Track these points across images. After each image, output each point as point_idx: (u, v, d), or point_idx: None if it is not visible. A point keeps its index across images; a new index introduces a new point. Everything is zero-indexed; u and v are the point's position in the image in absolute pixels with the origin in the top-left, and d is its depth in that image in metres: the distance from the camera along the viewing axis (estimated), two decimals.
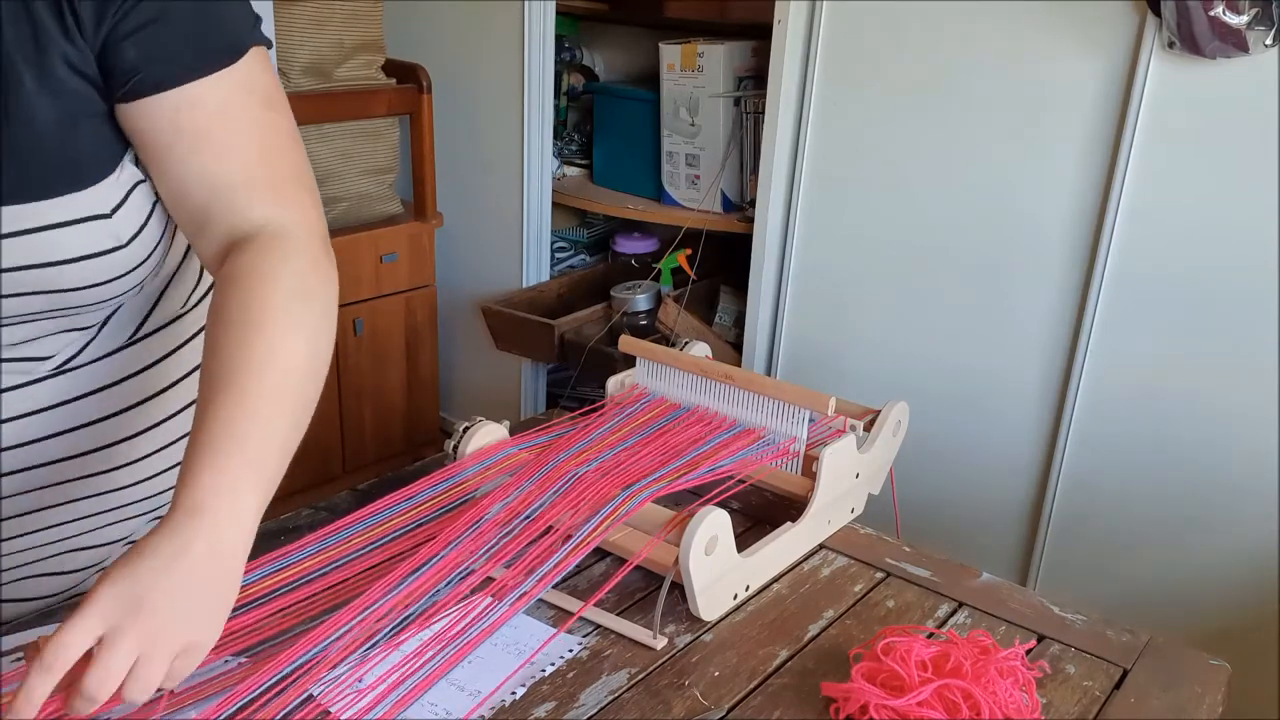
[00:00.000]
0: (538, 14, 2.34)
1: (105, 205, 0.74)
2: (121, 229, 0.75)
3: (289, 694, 0.71)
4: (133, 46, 0.71)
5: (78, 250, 0.73)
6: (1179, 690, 0.84)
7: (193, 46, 0.73)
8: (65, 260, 0.73)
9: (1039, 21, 1.65)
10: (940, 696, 0.75)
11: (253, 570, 0.82)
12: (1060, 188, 1.69)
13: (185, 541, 0.65)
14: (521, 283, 2.57)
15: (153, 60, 0.72)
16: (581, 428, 1.05)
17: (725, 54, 2.26)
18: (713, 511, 0.85)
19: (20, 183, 0.70)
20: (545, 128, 2.44)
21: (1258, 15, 1.40)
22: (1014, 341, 1.79)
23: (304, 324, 0.75)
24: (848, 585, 0.96)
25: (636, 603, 0.91)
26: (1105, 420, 1.73)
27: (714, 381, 1.09)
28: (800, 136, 1.95)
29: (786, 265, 2.04)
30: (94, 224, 0.73)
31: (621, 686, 0.80)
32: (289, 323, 0.74)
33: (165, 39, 0.72)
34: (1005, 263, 1.77)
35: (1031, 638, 0.90)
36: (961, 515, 1.90)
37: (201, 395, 0.71)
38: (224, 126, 0.75)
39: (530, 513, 0.89)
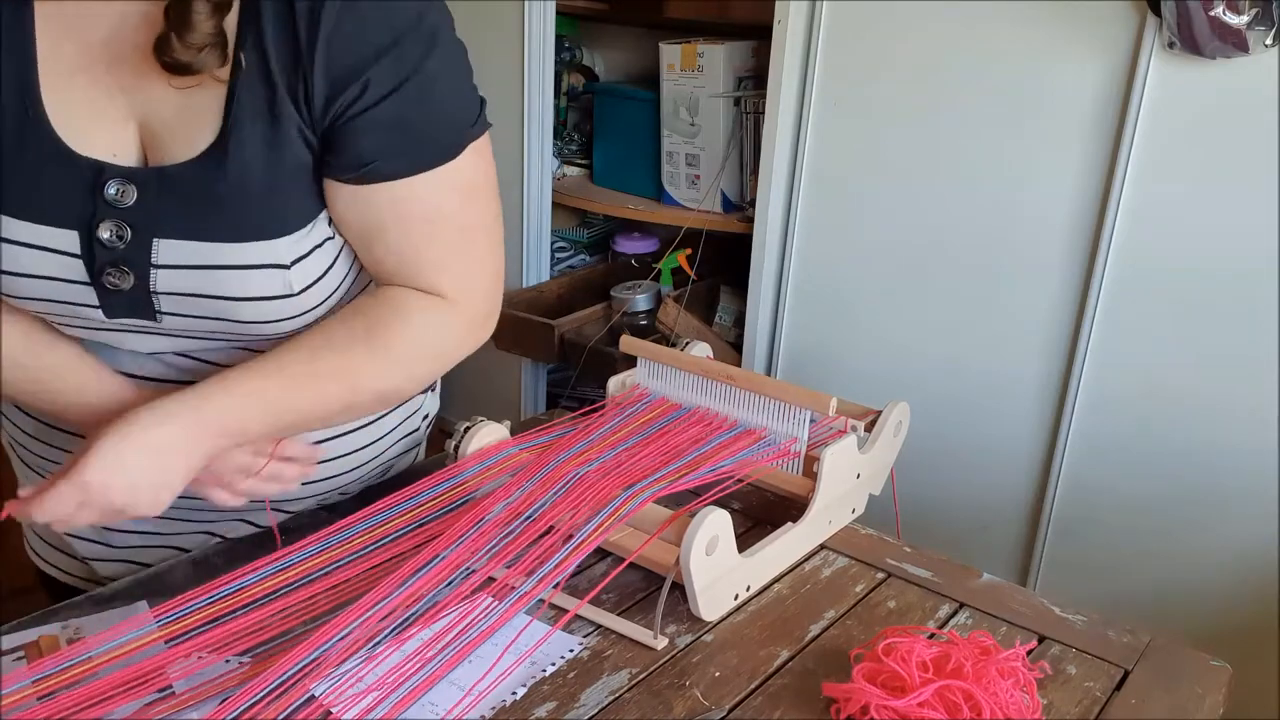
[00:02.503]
0: (538, 14, 2.34)
1: (286, 257, 0.80)
2: (295, 280, 0.81)
3: (290, 695, 0.71)
4: (368, 141, 0.78)
5: (252, 291, 0.80)
6: (1180, 691, 0.84)
7: (421, 146, 0.81)
8: (239, 298, 0.80)
9: (1039, 21, 1.65)
10: (941, 697, 0.75)
11: (254, 570, 0.82)
12: (1060, 187, 1.70)
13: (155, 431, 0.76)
14: (521, 283, 2.57)
15: (382, 156, 0.79)
16: (582, 428, 1.05)
17: (725, 54, 2.26)
18: (714, 511, 0.85)
19: (223, 223, 0.77)
20: (545, 128, 2.44)
21: (1258, 15, 1.40)
22: (1014, 341, 1.80)
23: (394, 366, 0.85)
24: (849, 585, 0.96)
25: (637, 603, 0.91)
26: (1105, 420, 1.73)
27: (715, 382, 1.09)
28: (800, 136, 1.95)
29: (786, 265, 2.04)
30: (271, 271, 0.80)
31: (622, 687, 0.80)
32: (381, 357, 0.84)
33: (395, 141, 0.79)
34: (1005, 262, 1.77)
35: (1032, 638, 0.90)
36: (962, 515, 1.90)
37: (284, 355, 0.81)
38: (425, 219, 0.83)
39: (531, 513, 0.89)
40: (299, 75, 0.76)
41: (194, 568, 0.92)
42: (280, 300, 0.81)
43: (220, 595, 0.79)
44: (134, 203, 0.77)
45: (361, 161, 0.79)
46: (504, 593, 0.83)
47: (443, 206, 0.84)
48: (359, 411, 0.90)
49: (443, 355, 0.90)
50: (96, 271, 0.78)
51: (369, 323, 0.84)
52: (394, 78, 0.78)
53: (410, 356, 0.86)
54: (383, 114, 0.78)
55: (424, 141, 0.81)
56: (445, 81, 0.82)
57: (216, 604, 0.79)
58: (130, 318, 0.81)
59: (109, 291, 0.79)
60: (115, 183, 0.76)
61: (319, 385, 0.82)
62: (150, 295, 0.80)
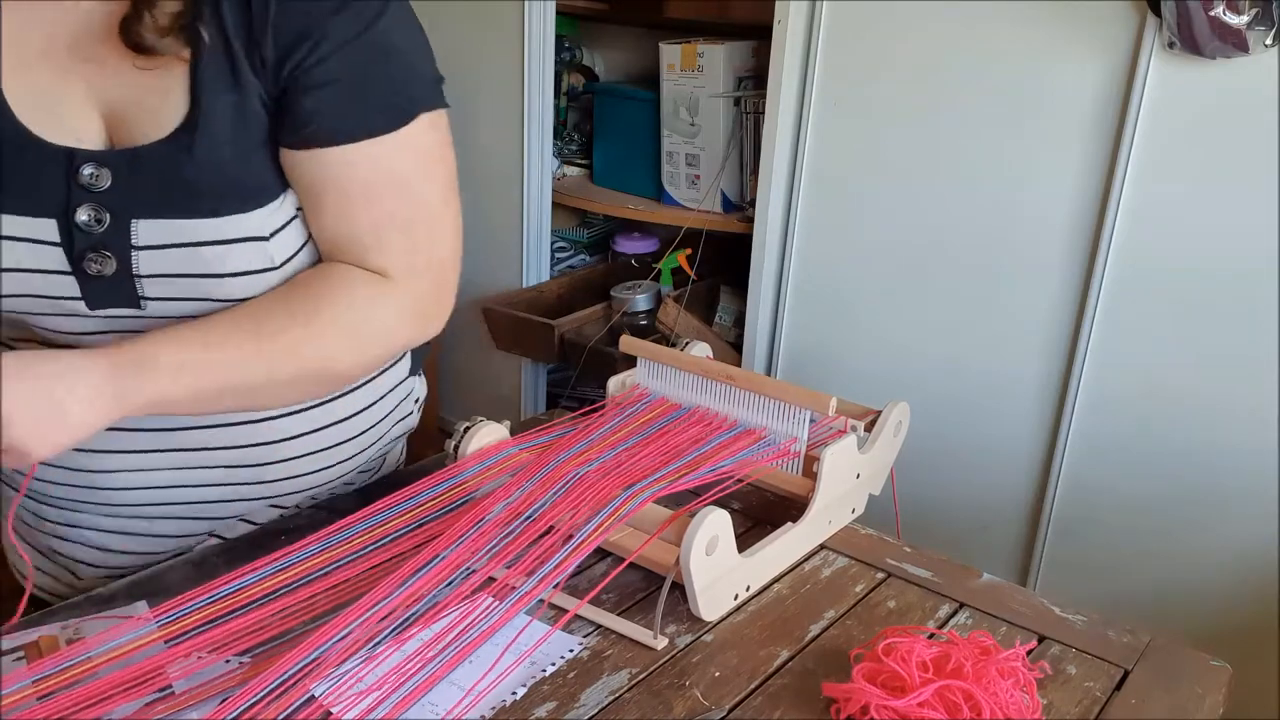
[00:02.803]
0: (538, 14, 2.34)
1: (264, 229, 0.80)
2: (276, 252, 0.81)
3: (290, 695, 0.71)
4: (312, 100, 0.77)
5: (236, 267, 0.80)
6: (1180, 691, 0.84)
7: (365, 110, 0.80)
8: (224, 274, 0.79)
9: (1039, 21, 1.65)
10: (941, 697, 0.75)
11: (254, 570, 0.82)
12: (1060, 187, 1.70)
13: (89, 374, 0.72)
14: (521, 283, 2.57)
15: (326, 117, 0.78)
16: (582, 428, 1.05)
17: (725, 54, 2.27)
18: (713, 511, 0.85)
19: (199, 200, 0.77)
20: (545, 128, 2.44)
21: (1258, 15, 1.40)
22: (1014, 341, 1.80)
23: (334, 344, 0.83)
24: (848, 585, 0.96)
25: (637, 603, 0.91)
26: (1105, 420, 1.73)
27: (715, 382, 1.09)
28: (800, 136, 1.95)
29: (786, 265, 2.04)
30: (253, 244, 0.80)
31: (622, 687, 0.80)
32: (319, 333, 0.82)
33: (343, 99, 0.78)
34: (1005, 262, 1.77)
35: (1032, 638, 0.90)
36: (962, 515, 1.90)
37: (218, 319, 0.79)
38: (371, 188, 0.82)
39: (531, 513, 0.89)
40: (254, 41, 0.75)
41: (194, 568, 0.92)
42: (263, 274, 0.81)
43: (220, 595, 0.80)
44: (109, 186, 0.76)
45: (305, 122, 0.78)
46: (504, 593, 0.83)
47: (388, 179, 0.82)
48: (301, 390, 0.87)
49: (386, 339, 0.87)
50: (76, 258, 0.77)
51: (308, 299, 0.82)
52: (342, 36, 0.77)
53: (351, 336, 0.84)
54: (327, 72, 0.77)
55: (369, 105, 0.79)
56: (395, 46, 0.80)
57: (216, 604, 0.79)
58: (114, 307, 0.81)
59: (90, 279, 0.78)
60: (89, 166, 0.76)
61: (250, 361, 0.80)
62: (133, 280, 0.79)
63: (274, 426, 0.93)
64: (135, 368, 0.74)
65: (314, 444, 0.96)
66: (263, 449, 0.93)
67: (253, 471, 0.95)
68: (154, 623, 0.78)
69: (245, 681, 0.71)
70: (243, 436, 0.92)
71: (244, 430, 0.91)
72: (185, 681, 0.75)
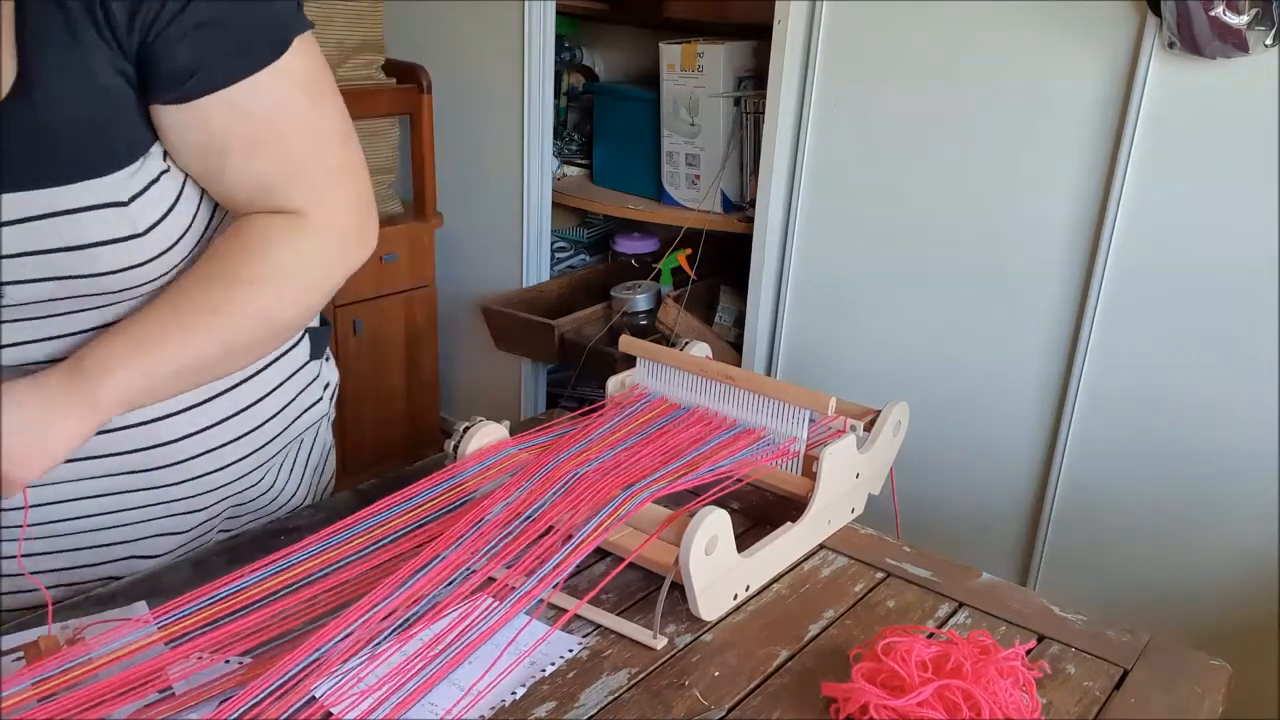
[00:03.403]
0: (538, 14, 2.34)
1: (123, 193, 0.75)
2: (138, 218, 0.76)
3: (291, 696, 0.71)
4: (185, 47, 0.73)
5: (93, 236, 0.75)
6: (1179, 691, 0.85)
7: (241, 47, 0.75)
8: (80, 246, 0.74)
9: (1039, 21, 1.65)
10: (940, 697, 0.75)
11: (254, 571, 0.82)
12: (1060, 187, 1.70)
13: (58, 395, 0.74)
14: (521, 283, 2.57)
15: (205, 62, 0.74)
16: (582, 428, 1.05)
17: (725, 54, 2.27)
18: (713, 511, 0.85)
19: (42, 169, 0.72)
20: (545, 128, 2.44)
21: (1258, 15, 1.40)
22: (1014, 341, 1.80)
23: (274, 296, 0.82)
24: (848, 585, 0.96)
25: (636, 603, 0.91)
26: (1105, 420, 1.73)
27: (714, 381, 1.09)
28: (800, 136, 1.95)
29: (786, 265, 2.04)
30: (109, 211, 0.75)
31: (622, 687, 0.80)
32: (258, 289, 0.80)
33: (215, 42, 0.74)
34: (1005, 262, 1.77)
35: (1031, 638, 0.90)
36: (962, 515, 1.90)
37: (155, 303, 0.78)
38: (271, 127, 0.78)
39: (531, 513, 0.89)
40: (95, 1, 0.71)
41: (194, 568, 0.92)
42: (127, 243, 0.76)
43: (220, 596, 0.80)
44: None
45: (185, 73, 0.73)
46: (504, 593, 0.83)
47: (285, 109, 0.79)
48: (256, 352, 0.86)
49: (323, 278, 0.85)
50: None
51: (237, 262, 0.79)
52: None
53: (290, 285, 0.82)
54: (194, 15, 0.72)
55: (246, 37, 0.75)
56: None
57: (216, 605, 0.79)
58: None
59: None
60: None
61: (203, 338, 0.79)
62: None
63: (167, 426, 0.89)
64: (99, 374, 0.75)
65: (211, 440, 0.93)
66: (158, 451, 0.90)
67: (153, 475, 0.91)
68: (154, 623, 0.78)
69: (246, 682, 0.72)
70: (138, 440, 0.88)
71: (138, 434, 0.88)
72: (186, 683, 0.75)
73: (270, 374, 0.97)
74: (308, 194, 0.82)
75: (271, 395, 0.98)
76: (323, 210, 0.83)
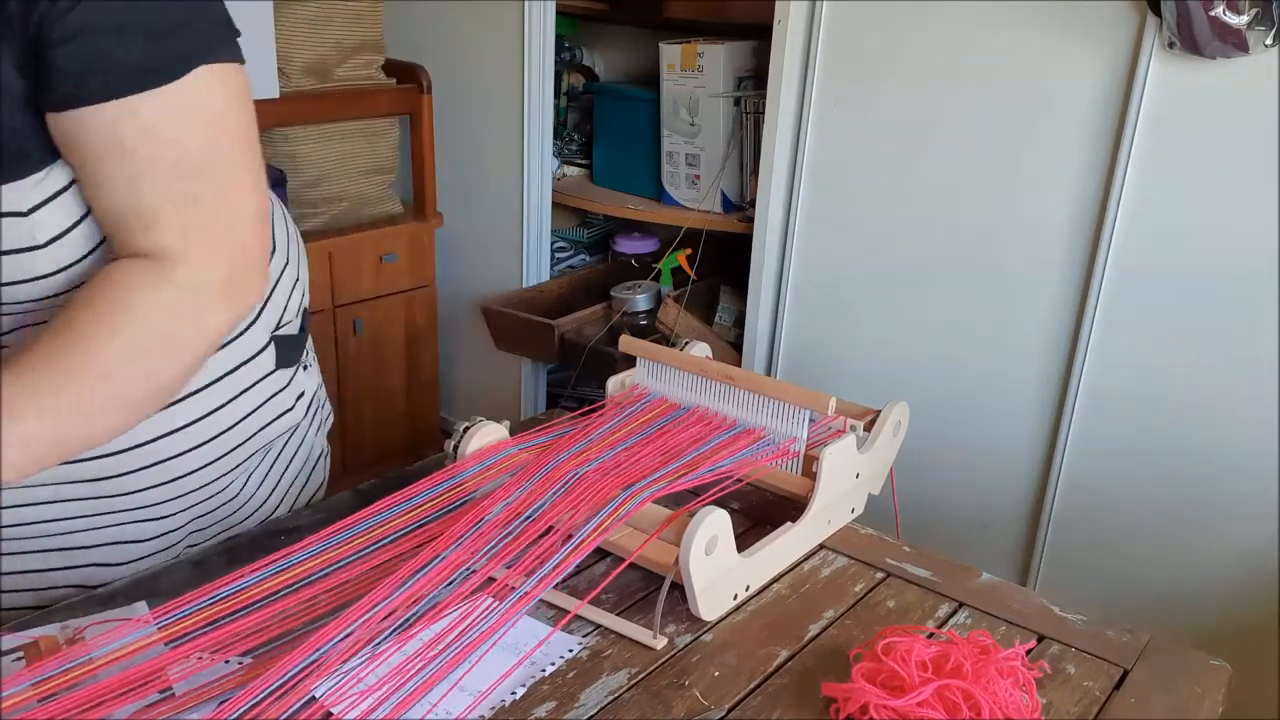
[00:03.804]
0: (538, 14, 2.34)
1: (22, 204, 0.72)
2: (38, 230, 0.73)
3: (291, 696, 0.71)
4: (65, 53, 0.68)
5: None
6: (1179, 690, 0.85)
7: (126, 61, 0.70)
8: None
9: (1039, 21, 1.65)
10: (940, 697, 0.75)
11: (254, 571, 0.82)
12: (1060, 187, 1.70)
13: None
14: (521, 283, 2.57)
15: (82, 71, 0.69)
16: (582, 428, 1.05)
17: (725, 54, 2.27)
18: (713, 511, 0.85)
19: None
20: (545, 128, 2.44)
21: (1258, 15, 1.40)
22: (1014, 341, 1.80)
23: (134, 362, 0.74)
24: (848, 585, 0.96)
25: (636, 603, 0.91)
26: (1105, 420, 1.73)
27: (714, 381, 1.09)
28: (800, 136, 1.95)
29: (786, 265, 2.04)
30: (9, 220, 0.72)
31: (621, 687, 0.80)
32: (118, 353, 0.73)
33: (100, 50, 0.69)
34: (1005, 262, 1.78)
35: (1031, 638, 0.90)
36: (961, 515, 1.90)
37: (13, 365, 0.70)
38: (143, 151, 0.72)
39: (531, 513, 0.89)
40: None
41: (194, 568, 0.92)
42: (25, 254, 0.73)
43: (220, 596, 0.80)
44: None
45: (61, 78, 0.69)
46: (504, 593, 0.83)
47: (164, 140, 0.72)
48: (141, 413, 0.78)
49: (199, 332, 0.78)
50: None
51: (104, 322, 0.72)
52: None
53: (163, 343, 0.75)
54: (79, 19, 0.67)
55: (132, 56, 0.70)
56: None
57: (217, 605, 0.79)
58: None
59: None
60: None
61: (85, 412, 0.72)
62: None
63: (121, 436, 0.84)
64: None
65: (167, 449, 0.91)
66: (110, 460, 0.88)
67: (106, 485, 0.90)
68: (154, 624, 0.78)
69: (246, 683, 0.71)
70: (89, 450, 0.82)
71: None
72: (186, 683, 0.75)
73: (228, 383, 0.93)
74: (179, 237, 0.74)
75: (231, 404, 0.94)
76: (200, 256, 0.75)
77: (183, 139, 0.74)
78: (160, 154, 0.73)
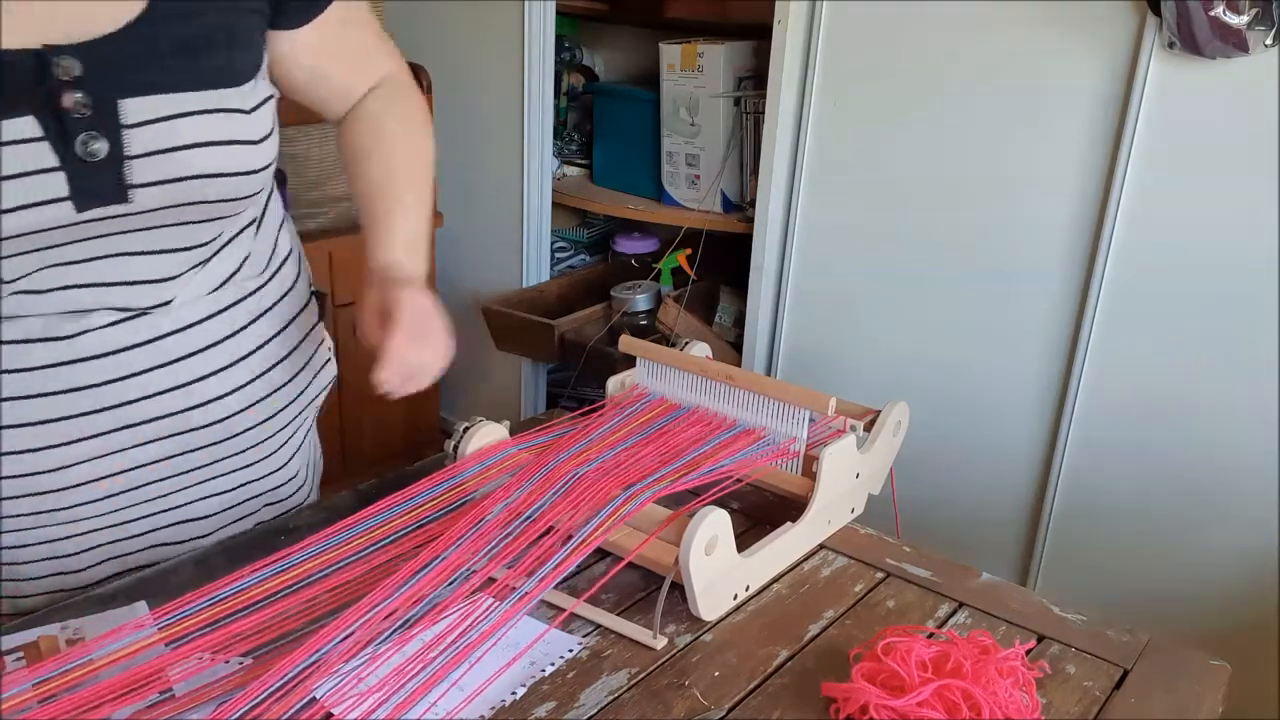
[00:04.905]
0: (538, 14, 2.34)
1: (247, 103, 0.86)
2: (255, 128, 0.87)
3: (292, 696, 0.71)
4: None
5: (221, 135, 0.84)
6: (1179, 690, 0.85)
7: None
8: (209, 143, 0.83)
9: (1039, 21, 1.65)
10: (940, 696, 0.75)
11: (254, 572, 0.82)
12: (1060, 188, 1.70)
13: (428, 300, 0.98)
14: (521, 283, 2.57)
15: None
16: (582, 428, 1.05)
17: (725, 54, 2.26)
18: (713, 511, 0.85)
19: (174, 76, 0.81)
20: (545, 128, 2.44)
21: (1258, 15, 1.40)
22: (1014, 341, 1.80)
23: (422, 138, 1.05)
24: (848, 585, 0.97)
25: (636, 603, 0.91)
26: (1105, 420, 1.73)
27: (714, 382, 1.09)
28: (800, 136, 1.95)
29: (786, 265, 2.04)
30: (234, 116, 0.85)
31: (621, 687, 0.80)
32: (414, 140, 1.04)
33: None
34: (1005, 262, 1.78)
35: (1031, 638, 0.90)
36: (961, 515, 1.90)
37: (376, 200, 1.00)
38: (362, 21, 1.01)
39: (531, 513, 0.89)
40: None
41: (194, 568, 0.92)
42: (245, 148, 0.85)
43: (221, 597, 0.80)
44: (83, 74, 0.77)
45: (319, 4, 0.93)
46: (504, 593, 0.83)
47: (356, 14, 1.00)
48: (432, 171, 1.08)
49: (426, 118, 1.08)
50: (68, 144, 0.77)
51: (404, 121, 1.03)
52: None
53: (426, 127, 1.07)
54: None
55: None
56: None
57: (217, 605, 0.79)
58: (101, 205, 0.80)
59: (80, 169, 0.78)
60: (61, 59, 0.76)
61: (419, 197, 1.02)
62: (122, 166, 0.79)
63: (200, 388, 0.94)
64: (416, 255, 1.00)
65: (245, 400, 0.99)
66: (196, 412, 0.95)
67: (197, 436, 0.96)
68: (154, 624, 0.78)
69: (246, 683, 0.72)
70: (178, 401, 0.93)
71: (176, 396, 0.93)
72: (186, 684, 0.75)
73: (292, 331, 1.05)
74: (382, 64, 1.04)
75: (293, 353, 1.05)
76: (400, 71, 1.06)
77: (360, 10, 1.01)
78: (359, 16, 1.00)
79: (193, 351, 0.93)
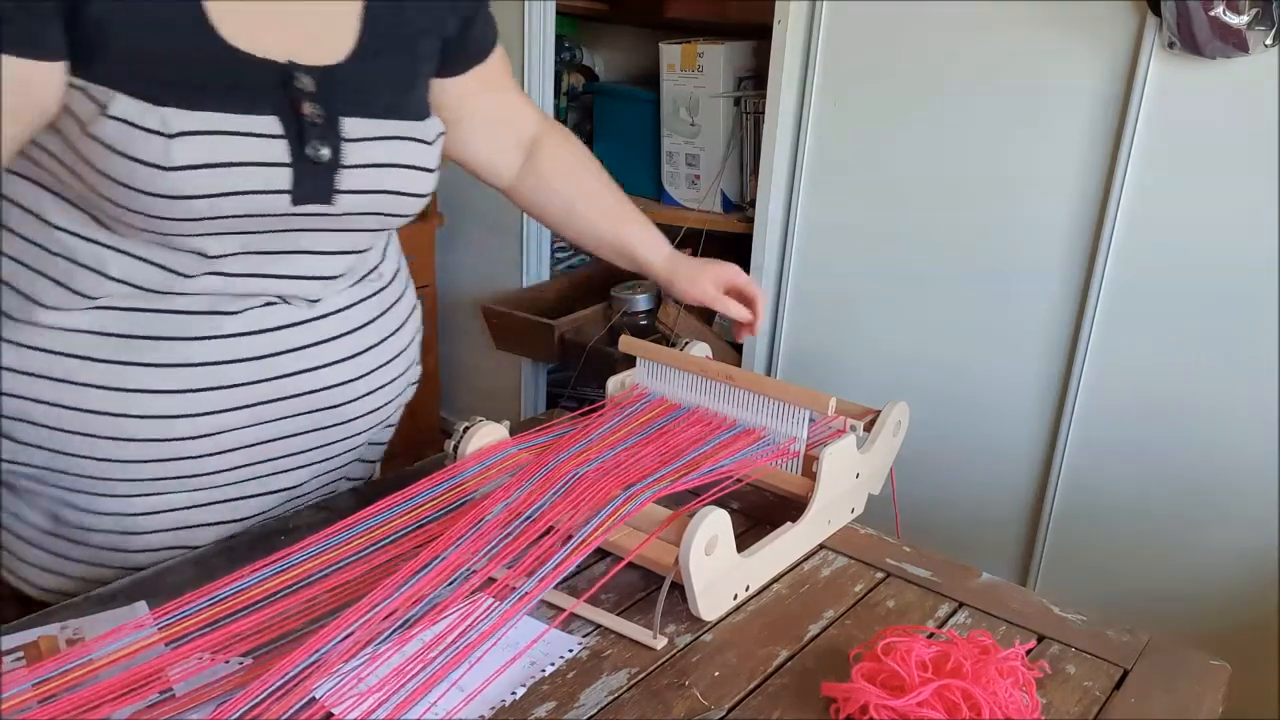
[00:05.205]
0: (538, 14, 2.34)
1: (428, 135, 0.99)
2: (432, 158, 1.00)
3: (292, 696, 0.71)
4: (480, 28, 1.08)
5: (415, 160, 0.98)
6: (1179, 690, 0.85)
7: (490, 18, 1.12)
8: (401, 165, 0.96)
9: (1039, 21, 1.65)
10: (940, 696, 0.75)
11: (254, 572, 0.82)
12: (1060, 188, 1.70)
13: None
14: (521, 283, 2.57)
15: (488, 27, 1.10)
16: (581, 428, 1.05)
17: (725, 54, 2.27)
18: (713, 511, 0.85)
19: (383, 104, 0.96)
20: None
21: (1258, 15, 1.40)
22: (1014, 341, 1.80)
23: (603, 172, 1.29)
24: (848, 585, 0.97)
25: (636, 603, 0.91)
26: (1105, 420, 1.73)
27: (714, 381, 1.09)
28: (800, 136, 1.95)
29: (786, 265, 2.04)
30: (421, 145, 0.98)
31: (621, 687, 0.80)
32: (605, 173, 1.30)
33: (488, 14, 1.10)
34: (1005, 262, 1.77)
35: (1031, 638, 0.90)
36: (961, 515, 1.90)
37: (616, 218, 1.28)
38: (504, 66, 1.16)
39: (531, 513, 0.89)
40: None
41: (194, 568, 0.92)
42: (423, 174, 0.99)
43: (221, 597, 0.80)
44: (317, 89, 0.90)
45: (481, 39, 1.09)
46: (504, 593, 0.83)
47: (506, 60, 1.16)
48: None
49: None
50: (300, 145, 0.89)
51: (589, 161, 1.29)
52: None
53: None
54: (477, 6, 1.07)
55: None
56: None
57: (217, 605, 0.79)
58: (311, 203, 0.91)
59: (305, 168, 0.89)
60: (301, 75, 0.90)
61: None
62: (336, 172, 0.91)
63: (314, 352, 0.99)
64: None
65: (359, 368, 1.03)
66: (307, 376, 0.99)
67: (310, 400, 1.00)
68: (154, 624, 0.78)
69: (246, 683, 0.72)
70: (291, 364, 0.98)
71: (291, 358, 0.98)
72: (186, 683, 0.75)
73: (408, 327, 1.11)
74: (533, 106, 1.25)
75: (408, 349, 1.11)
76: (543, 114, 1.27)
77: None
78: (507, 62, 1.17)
79: (334, 335, 1.00)
